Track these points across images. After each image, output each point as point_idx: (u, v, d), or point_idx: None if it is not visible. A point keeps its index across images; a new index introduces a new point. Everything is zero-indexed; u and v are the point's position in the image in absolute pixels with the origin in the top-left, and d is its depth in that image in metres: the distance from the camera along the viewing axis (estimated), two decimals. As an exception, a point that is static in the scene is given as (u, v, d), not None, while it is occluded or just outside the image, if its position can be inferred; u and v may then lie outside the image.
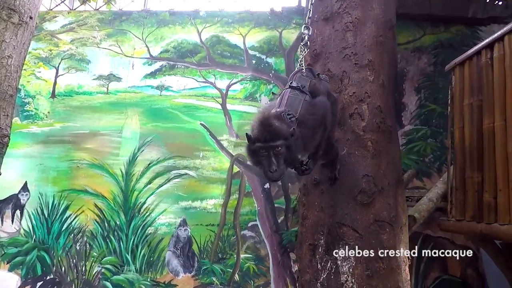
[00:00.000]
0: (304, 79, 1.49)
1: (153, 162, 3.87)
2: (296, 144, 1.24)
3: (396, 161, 1.68)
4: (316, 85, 1.50)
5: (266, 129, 1.21)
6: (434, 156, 3.69)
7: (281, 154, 1.21)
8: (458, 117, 2.39)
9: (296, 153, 1.27)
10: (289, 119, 1.29)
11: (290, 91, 1.42)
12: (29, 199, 3.88)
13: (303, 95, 1.40)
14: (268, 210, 3.70)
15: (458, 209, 2.29)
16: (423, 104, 3.80)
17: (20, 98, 4.15)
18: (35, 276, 3.71)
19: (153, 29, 4.24)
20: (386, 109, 1.64)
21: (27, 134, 4.10)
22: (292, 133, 1.24)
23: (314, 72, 1.58)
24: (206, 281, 3.59)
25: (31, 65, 4.32)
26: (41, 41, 4.38)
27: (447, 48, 3.80)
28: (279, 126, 1.23)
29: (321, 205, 1.60)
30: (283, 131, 1.22)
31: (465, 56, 2.35)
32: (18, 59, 2.54)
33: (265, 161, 1.22)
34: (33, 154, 4.01)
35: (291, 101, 1.37)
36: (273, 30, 4.10)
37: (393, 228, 1.51)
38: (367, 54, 1.65)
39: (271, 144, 1.20)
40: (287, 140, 1.21)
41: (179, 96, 4.07)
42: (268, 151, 1.21)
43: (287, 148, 1.21)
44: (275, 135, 1.21)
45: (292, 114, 1.32)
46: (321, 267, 1.47)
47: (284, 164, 1.23)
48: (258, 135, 1.23)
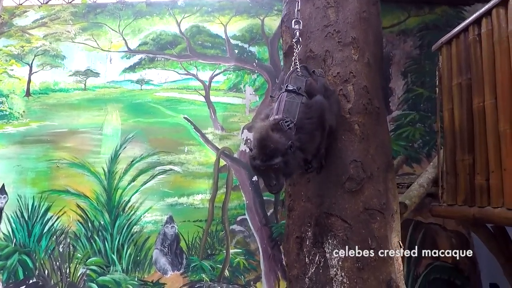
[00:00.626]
0: (300, 79, 1.46)
1: (136, 159, 3.76)
2: (294, 157, 1.29)
3: (386, 145, 1.59)
4: (312, 84, 1.46)
5: (263, 150, 1.26)
6: (423, 141, 3.66)
7: (279, 170, 1.26)
8: (446, 98, 2.32)
9: (294, 165, 1.31)
10: (287, 127, 1.31)
11: (287, 94, 1.40)
12: (8, 202, 3.74)
13: (300, 97, 1.39)
14: (257, 203, 3.63)
15: (450, 194, 2.24)
16: (410, 88, 3.76)
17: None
18: (17, 280, 3.59)
19: (130, 21, 4.08)
20: (373, 89, 1.54)
21: (2, 135, 3.93)
22: (291, 146, 1.27)
23: (309, 69, 1.53)
24: (196, 278, 3.52)
25: (3, 62, 4.12)
26: (12, 37, 4.17)
27: (433, 30, 3.75)
28: (276, 144, 1.26)
29: (308, 195, 1.50)
30: (280, 148, 1.26)
31: (452, 34, 2.27)
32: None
33: (265, 177, 1.29)
34: (10, 156, 3.85)
35: (288, 106, 1.37)
36: (254, 18, 3.98)
37: (384, 216, 1.42)
38: (350, 31, 1.54)
39: (268, 163, 1.25)
40: (285, 156, 1.25)
41: (161, 89, 3.94)
42: (267, 168, 1.26)
43: (285, 163, 1.26)
44: (272, 155, 1.25)
45: (290, 120, 1.32)
46: (309, 261, 1.38)
47: (283, 177, 1.29)
48: (256, 156, 1.28)
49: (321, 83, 1.50)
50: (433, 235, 3.46)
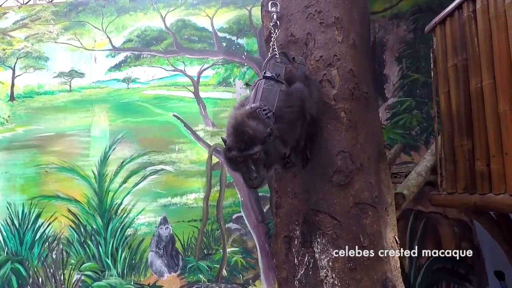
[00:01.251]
0: (279, 66, 1.34)
1: (127, 160, 3.68)
2: (274, 146, 1.17)
3: (376, 133, 1.47)
4: (292, 71, 1.34)
5: (240, 137, 1.13)
6: (421, 128, 3.55)
7: (260, 160, 1.14)
8: (442, 81, 2.20)
9: (275, 155, 1.17)
10: (265, 115, 1.18)
11: (265, 81, 1.28)
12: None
13: (279, 85, 1.27)
14: (252, 200, 3.54)
15: (449, 181, 2.13)
16: (406, 74, 3.63)
17: None
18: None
19: (113, 18, 3.96)
20: (359, 73, 1.42)
21: (-13, 141, 3.83)
22: (270, 133, 1.14)
23: (289, 56, 1.41)
24: (193, 279, 3.45)
25: (-16, 66, 4.01)
26: (-8, 40, 4.05)
27: (426, 12, 3.61)
28: (254, 131, 1.14)
29: (295, 191, 1.39)
30: (258, 136, 1.13)
31: (445, 13, 2.14)
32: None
33: (244, 169, 1.16)
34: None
35: (266, 93, 1.24)
36: (241, 9, 3.86)
37: (376, 210, 1.31)
38: (333, 11, 1.41)
39: (247, 153, 1.13)
40: (264, 144, 1.14)
41: (148, 87, 3.84)
42: (245, 159, 1.14)
43: (265, 152, 1.14)
44: (251, 142, 1.13)
45: (268, 108, 1.20)
46: (298, 262, 1.27)
47: (265, 168, 1.17)
48: (232, 144, 1.15)
49: (302, 71, 1.39)
50: (435, 224, 3.37)
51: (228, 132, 1.17)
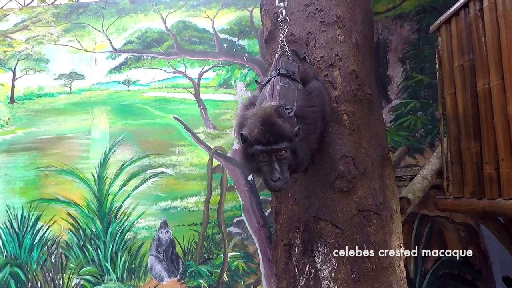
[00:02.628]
0: (292, 64, 1.25)
1: (127, 162, 3.64)
2: (301, 146, 1.05)
3: (380, 136, 1.41)
4: (307, 71, 1.27)
5: (269, 129, 1.01)
6: (426, 130, 3.48)
7: (286, 158, 1.03)
8: (448, 82, 2.14)
9: (301, 156, 1.07)
10: (288, 115, 1.07)
11: (281, 79, 1.18)
12: (-4, 213, 3.64)
13: (295, 83, 1.18)
14: (253, 204, 3.49)
15: (456, 185, 2.06)
16: (410, 75, 3.57)
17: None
18: (10, 293, 3.48)
19: (113, 20, 3.93)
20: (362, 73, 1.36)
21: (-13, 144, 3.81)
22: (297, 133, 1.03)
23: (300, 54, 1.34)
24: (193, 284, 3.40)
25: (-15, 69, 4.00)
26: (-7, 42, 4.04)
27: (431, 12, 3.55)
28: (283, 125, 1.03)
29: (295, 197, 1.33)
30: (287, 131, 1.03)
31: (451, 12, 2.08)
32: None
33: (267, 168, 1.03)
34: (-4, 165, 3.74)
35: (285, 91, 1.14)
36: (243, 10, 3.82)
37: (381, 217, 1.25)
38: (334, 9, 1.36)
39: (274, 147, 1.01)
40: (292, 142, 1.03)
41: (148, 89, 3.80)
42: (270, 156, 1.02)
43: (292, 151, 1.03)
44: (279, 136, 1.01)
45: (290, 107, 1.09)
46: (298, 271, 1.21)
47: (289, 170, 1.04)
48: (258, 136, 1.03)
49: (313, 71, 1.33)
50: (441, 229, 3.29)
51: (254, 124, 1.05)
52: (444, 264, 3.24)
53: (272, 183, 1.04)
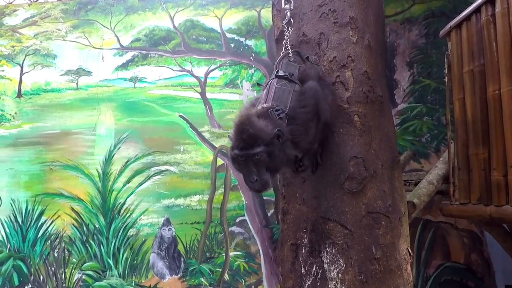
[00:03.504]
0: (292, 65, 1.27)
1: (131, 159, 3.65)
2: (282, 148, 1.09)
3: (390, 138, 1.40)
4: (307, 71, 1.28)
5: (241, 135, 1.07)
6: (431, 135, 3.47)
7: (262, 162, 1.07)
8: (457, 88, 2.13)
9: (281, 158, 1.09)
10: (277, 116, 1.13)
11: (277, 81, 1.21)
12: (1, 206, 3.65)
13: (292, 84, 1.20)
14: (256, 204, 3.48)
15: (462, 191, 2.05)
16: (417, 79, 3.56)
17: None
18: (12, 286, 3.51)
19: (121, 17, 3.95)
20: (374, 75, 1.35)
21: (-6, 137, 3.84)
22: (279, 135, 1.08)
23: (303, 55, 1.36)
24: (194, 282, 3.40)
25: (-7, 63, 4.03)
26: (2, 37, 4.08)
27: (439, 17, 3.54)
28: (259, 130, 1.07)
29: (303, 197, 1.33)
30: (263, 136, 1.07)
31: (462, 17, 2.07)
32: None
33: (245, 170, 1.09)
34: (2, 159, 3.77)
35: (279, 93, 1.18)
36: (250, 10, 3.82)
37: (390, 220, 1.24)
38: (348, 10, 1.35)
39: (247, 152, 1.06)
40: (269, 145, 1.07)
41: (155, 87, 3.81)
42: (246, 159, 1.07)
43: (269, 154, 1.06)
44: (253, 141, 1.06)
45: (281, 109, 1.15)
46: (305, 271, 1.21)
47: (268, 172, 1.09)
48: (234, 142, 1.11)
49: (316, 71, 1.33)
50: (444, 235, 3.28)
51: (233, 129, 1.13)
52: (446, 270, 3.23)
53: (250, 184, 1.10)
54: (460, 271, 3.21)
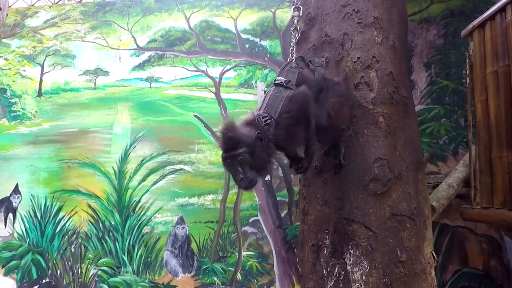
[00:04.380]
0: (292, 71, 1.33)
1: (146, 158, 3.70)
2: (263, 149, 1.19)
3: (415, 140, 1.38)
4: (304, 76, 1.33)
5: (223, 139, 1.20)
6: (449, 137, 3.39)
7: (246, 162, 1.17)
8: (479, 89, 2.08)
9: (262, 158, 1.21)
10: (264, 122, 1.22)
11: (274, 89, 1.30)
12: (21, 202, 3.76)
13: (288, 91, 1.27)
14: (270, 204, 3.48)
15: (484, 195, 2.00)
16: (434, 80, 3.49)
17: (7, 98, 4.06)
18: (31, 280, 3.59)
19: (138, 18, 4.01)
20: (399, 76, 1.34)
21: (15, 135, 3.95)
22: (260, 137, 1.18)
23: (306, 59, 1.40)
24: (207, 281, 3.41)
25: (16, 63, 4.15)
26: (24, 38, 4.19)
27: (459, 17, 3.46)
28: (241, 134, 1.18)
29: (325, 198, 1.32)
30: (244, 139, 1.18)
31: (485, 17, 2.03)
32: (-12, 52, 2.33)
33: (232, 170, 1.21)
34: (23, 156, 3.87)
35: (272, 100, 1.26)
36: (265, 11, 3.82)
37: (414, 222, 1.23)
38: (372, 11, 1.34)
39: (231, 153, 1.18)
40: (251, 146, 1.18)
41: (170, 87, 3.85)
42: (231, 160, 1.19)
43: (251, 154, 1.17)
44: (235, 144, 1.17)
45: (269, 115, 1.24)
46: (327, 272, 1.20)
47: (253, 170, 1.19)
48: (220, 145, 1.23)
49: (320, 73, 1.34)
50: (462, 239, 3.20)
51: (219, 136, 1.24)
52: (464, 276, 3.15)
53: (238, 183, 1.21)
54: (478, 277, 3.13)
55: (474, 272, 3.14)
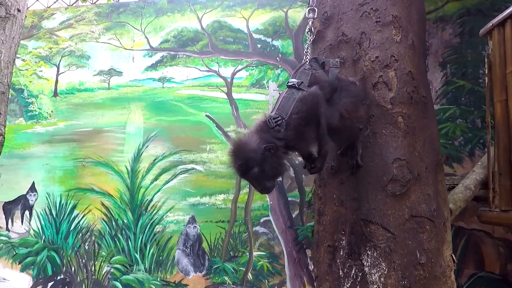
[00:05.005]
0: (305, 73, 1.34)
1: (159, 157, 3.73)
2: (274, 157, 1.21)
3: (434, 140, 1.36)
4: (317, 76, 1.33)
5: (236, 164, 1.22)
6: (465, 138, 3.32)
7: (259, 177, 1.21)
8: (499, 89, 2.03)
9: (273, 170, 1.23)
10: (275, 123, 1.23)
11: (287, 91, 1.32)
12: (37, 199, 3.84)
13: (300, 92, 1.28)
14: (281, 205, 3.47)
15: (504, 198, 1.95)
16: (450, 80, 3.42)
17: (24, 98, 4.16)
18: (46, 276, 3.67)
19: (151, 19, 4.06)
20: (418, 75, 1.31)
21: (32, 134, 4.05)
22: (270, 148, 1.19)
23: (320, 60, 1.39)
24: (218, 280, 3.42)
25: (33, 64, 4.25)
26: (40, 39, 4.29)
27: (475, 15, 3.38)
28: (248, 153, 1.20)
29: (341, 198, 1.31)
30: (252, 156, 1.20)
31: (506, 15, 1.97)
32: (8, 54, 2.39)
33: (250, 183, 1.26)
34: (39, 154, 3.95)
35: (284, 102, 1.28)
36: (278, 10, 3.81)
37: (434, 224, 1.20)
38: (390, 9, 1.32)
39: (245, 176, 1.23)
40: (262, 163, 1.20)
41: (182, 87, 3.88)
42: (247, 178, 1.24)
43: (262, 171, 1.20)
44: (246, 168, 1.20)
45: (280, 116, 1.26)
46: (343, 274, 1.19)
47: (268, 179, 1.22)
48: (232, 164, 1.25)
49: (334, 74, 1.34)
50: (478, 243, 3.13)
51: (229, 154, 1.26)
52: (480, 280, 3.08)
53: (259, 191, 1.28)
54: (494, 282, 3.05)
55: (491, 276, 3.06)
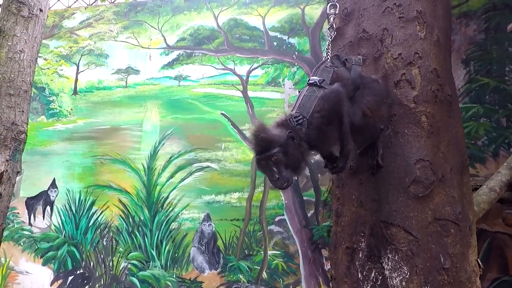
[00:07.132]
0: (327, 70, 1.31)
1: (174, 155, 3.77)
2: (297, 148, 1.19)
3: (459, 141, 1.30)
4: (339, 75, 1.31)
5: (256, 141, 1.20)
6: (489, 138, 3.19)
7: (280, 161, 1.17)
8: (528, 87, 1.93)
9: (296, 156, 1.21)
10: (296, 122, 1.22)
11: (307, 89, 1.29)
12: (58, 195, 3.95)
13: (321, 90, 1.25)
14: (296, 204, 3.44)
15: (532, 200, 1.86)
16: (473, 78, 3.29)
17: (45, 96, 4.29)
18: (66, 270, 3.77)
19: (168, 18, 4.10)
20: (444, 73, 1.26)
21: (53, 131, 4.17)
22: (292, 136, 1.18)
23: (342, 58, 1.36)
24: (233, 278, 3.43)
25: (54, 63, 4.38)
26: (61, 39, 4.41)
27: (502, 10, 3.24)
28: (273, 135, 1.19)
29: (360, 199, 1.28)
30: (276, 139, 1.18)
31: (537, 9, 1.88)
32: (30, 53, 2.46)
33: (267, 172, 1.21)
34: (60, 151, 4.07)
35: (305, 100, 1.26)
36: (294, 8, 3.77)
37: (459, 228, 1.15)
38: (414, 4, 1.27)
39: (265, 154, 1.18)
40: (284, 146, 1.18)
41: (198, 85, 3.90)
42: (266, 161, 1.19)
43: (285, 154, 1.17)
44: (268, 145, 1.17)
45: (301, 115, 1.24)
46: (362, 276, 1.16)
47: (288, 169, 1.19)
48: (253, 148, 1.23)
49: (356, 71, 1.30)
50: (501, 246, 3.01)
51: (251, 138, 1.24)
52: (504, 285, 2.96)
53: (273, 183, 1.21)
54: (520, 287, 2.93)
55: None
